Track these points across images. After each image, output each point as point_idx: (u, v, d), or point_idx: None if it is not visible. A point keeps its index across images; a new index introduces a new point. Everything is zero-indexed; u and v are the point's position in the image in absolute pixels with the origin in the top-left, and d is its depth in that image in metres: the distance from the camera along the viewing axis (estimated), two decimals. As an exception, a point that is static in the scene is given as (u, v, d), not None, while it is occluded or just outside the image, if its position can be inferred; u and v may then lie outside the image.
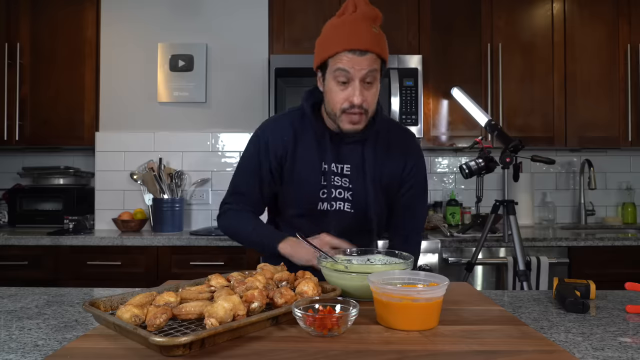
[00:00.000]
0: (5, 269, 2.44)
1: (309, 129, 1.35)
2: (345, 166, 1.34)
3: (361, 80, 1.20)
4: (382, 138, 1.37)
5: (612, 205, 3.20)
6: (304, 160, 1.34)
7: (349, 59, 1.19)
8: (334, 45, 1.21)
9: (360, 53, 1.18)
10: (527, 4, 2.83)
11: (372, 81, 1.22)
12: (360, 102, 1.21)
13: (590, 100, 2.82)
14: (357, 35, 1.19)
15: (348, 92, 1.22)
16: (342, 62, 1.19)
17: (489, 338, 0.81)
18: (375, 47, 1.19)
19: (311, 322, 0.81)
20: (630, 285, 1.15)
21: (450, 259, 2.39)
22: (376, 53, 1.20)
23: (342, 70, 1.20)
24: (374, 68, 1.20)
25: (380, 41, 1.22)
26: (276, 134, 1.36)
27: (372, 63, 1.20)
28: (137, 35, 2.89)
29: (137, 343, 0.76)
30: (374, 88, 1.24)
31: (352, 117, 1.24)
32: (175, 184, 2.76)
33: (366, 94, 1.22)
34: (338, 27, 1.22)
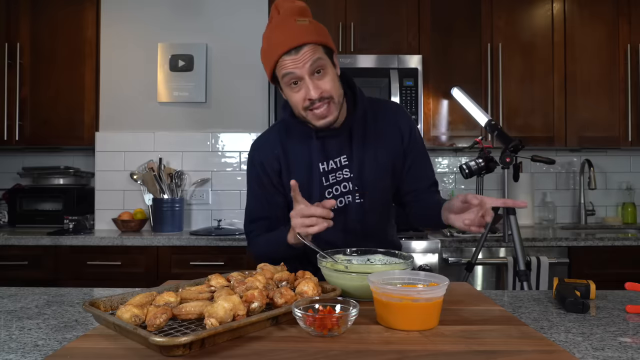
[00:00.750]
0: (5, 269, 2.44)
1: (295, 135, 1.35)
2: (341, 158, 1.33)
3: (310, 74, 1.19)
4: (370, 119, 1.36)
5: (612, 205, 3.20)
6: (299, 167, 1.34)
7: (289, 61, 1.18)
8: (270, 55, 1.21)
9: (295, 51, 1.17)
10: (527, 4, 2.83)
11: (323, 69, 1.20)
12: (317, 95, 1.20)
13: (590, 100, 2.82)
14: (285, 35, 1.18)
15: (303, 91, 1.21)
16: (284, 67, 1.19)
17: (489, 338, 0.81)
18: (307, 37, 1.18)
19: (311, 322, 0.81)
20: (630, 285, 1.15)
21: (450, 259, 2.39)
22: (311, 42, 1.18)
23: (288, 74, 1.19)
24: (316, 57, 1.18)
25: (311, 30, 1.19)
26: (266, 150, 1.37)
27: (312, 54, 1.18)
28: (137, 35, 2.89)
29: (137, 343, 0.76)
30: (328, 75, 1.22)
31: (317, 111, 1.22)
32: (175, 184, 2.76)
33: (320, 84, 1.20)
34: (269, 36, 1.22)
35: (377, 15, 2.79)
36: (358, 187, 1.33)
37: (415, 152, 1.40)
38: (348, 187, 1.34)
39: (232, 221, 2.86)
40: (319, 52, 1.20)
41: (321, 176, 1.33)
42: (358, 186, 1.33)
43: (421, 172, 1.42)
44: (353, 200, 1.34)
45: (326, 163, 1.33)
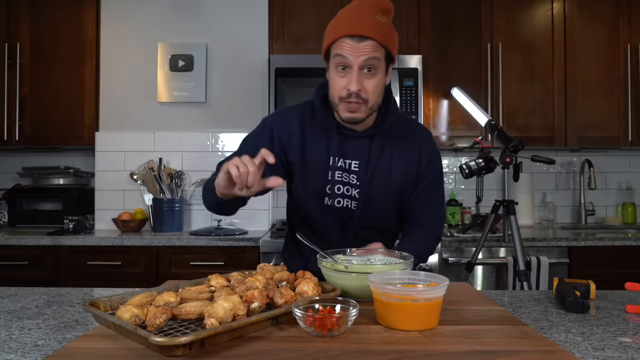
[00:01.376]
0: (5, 269, 2.44)
1: (318, 122, 1.33)
2: (353, 162, 1.31)
3: (360, 68, 1.18)
4: (393, 133, 1.33)
5: (612, 205, 3.20)
6: (311, 152, 1.32)
7: (348, 45, 1.17)
8: (336, 32, 1.19)
9: (359, 39, 1.16)
10: (527, 4, 2.83)
11: (373, 70, 1.19)
12: (356, 89, 1.18)
13: (590, 100, 2.82)
14: (358, 21, 1.16)
15: (346, 79, 1.19)
16: (341, 48, 1.18)
17: (489, 338, 0.81)
18: (377, 34, 1.16)
19: (311, 322, 0.81)
20: (630, 285, 1.15)
21: (450, 259, 2.39)
22: (378, 41, 1.16)
23: (341, 56, 1.18)
24: (374, 56, 1.17)
25: (385, 30, 1.18)
26: (283, 123, 1.35)
27: (372, 50, 1.17)
28: (137, 35, 2.89)
29: (137, 343, 0.76)
30: (376, 78, 1.20)
31: (349, 105, 1.21)
32: (175, 184, 2.76)
33: (365, 82, 1.19)
34: (343, 14, 1.21)
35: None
36: (360, 197, 1.32)
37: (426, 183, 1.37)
38: (351, 192, 1.33)
39: (232, 221, 2.86)
40: (379, 52, 1.18)
41: (329, 169, 1.31)
42: (360, 195, 1.32)
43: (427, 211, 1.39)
44: (351, 206, 1.33)
45: (338, 159, 1.31)
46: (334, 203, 1.33)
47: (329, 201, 1.33)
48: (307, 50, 2.71)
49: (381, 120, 1.31)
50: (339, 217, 1.35)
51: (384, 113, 1.32)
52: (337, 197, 1.33)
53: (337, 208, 1.34)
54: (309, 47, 2.73)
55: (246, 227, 2.79)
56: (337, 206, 1.33)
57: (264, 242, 2.39)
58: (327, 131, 1.31)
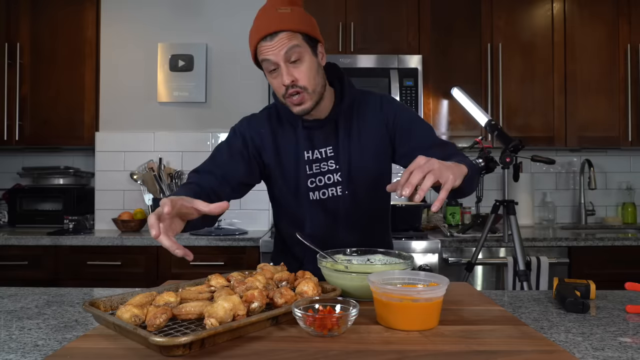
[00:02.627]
0: (5, 269, 2.44)
1: (285, 121, 1.35)
2: (327, 148, 1.32)
3: (285, 62, 1.19)
4: (356, 110, 1.35)
5: (612, 205, 3.20)
6: (284, 152, 1.34)
7: (265, 47, 1.19)
8: (252, 40, 1.22)
9: (270, 37, 1.18)
10: (527, 4, 2.83)
11: (299, 58, 1.20)
12: (289, 81, 1.19)
13: (590, 100, 2.82)
14: (263, 22, 1.19)
15: (279, 78, 1.21)
16: (261, 53, 1.20)
17: (489, 338, 0.81)
18: (284, 25, 1.17)
19: (311, 322, 0.81)
20: (630, 285, 1.15)
21: (450, 259, 2.39)
22: (287, 30, 1.18)
23: (265, 60, 1.20)
24: (292, 44, 1.18)
25: (291, 18, 1.19)
26: (252, 126, 1.36)
27: (288, 41, 1.18)
28: (137, 35, 2.89)
29: (137, 343, 0.76)
30: (304, 64, 1.21)
31: (292, 99, 1.22)
32: (175, 184, 2.76)
33: (295, 72, 1.20)
34: (254, 22, 1.23)
35: (377, 15, 2.79)
36: (343, 179, 1.32)
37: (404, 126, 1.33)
38: (333, 179, 1.33)
39: (232, 221, 2.86)
40: (296, 39, 1.19)
41: (305, 164, 1.32)
42: (343, 178, 1.32)
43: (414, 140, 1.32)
44: (337, 192, 1.33)
45: (311, 152, 1.32)
46: (320, 195, 1.33)
47: (314, 195, 1.33)
48: (307, 50, 2.71)
49: (339, 100, 1.32)
50: (329, 208, 1.34)
51: (340, 92, 1.33)
52: (322, 189, 1.33)
53: (325, 199, 1.33)
54: (309, 47, 2.73)
55: (246, 227, 2.79)
56: (323, 198, 1.33)
57: (264, 242, 2.39)
58: (294, 128, 1.33)
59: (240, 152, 1.33)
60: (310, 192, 1.33)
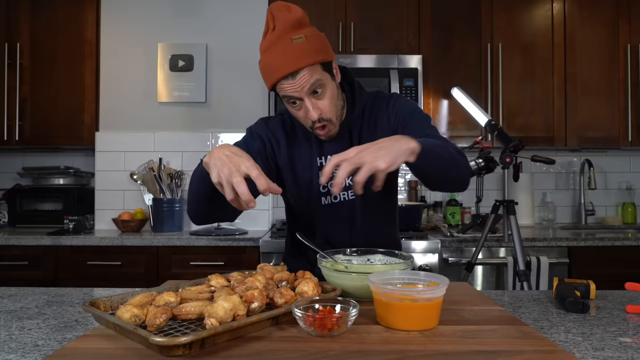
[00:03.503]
0: (5, 269, 2.44)
1: (298, 129, 1.35)
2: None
3: (309, 95, 1.18)
4: (367, 114, 1.35)
5: (612, 205, 3.20)
6: (298, 158, 1.34)
7: (287, 85, 1.16)
8: (269, 77, 1.18)
9: (292, 76, 1.15)
10: (527, 4, 2.83)
11: (321, 89, 1.19)
12: (317, 116, 1.20)
13: (590, 100, 2.82)
14: (281, 58, 1.14)
15: (303, 111, 1.21)
16: (283, 90, 1.18)
17: (489, 338, 0.81)
18: (303, 60, 1.14)
19: (311, 322, 0.81)
20: (630, 285, 1.15)
21: (450, 259, 2.39)
22: (307, 65, 1.14)
23: (287, 96, 1.19)
24: (314, 79, 1.16)
25: (308, 48, 1.15)
26: (269, 128, 1.37)
27: (310, 76, 1.15)
28: (137, 35, 2.89)
29: (137, 343, 0.76)
30: (327, 93, 1.20)
31: (319, 131, 1.24)
32: (175, 184, 2.76)
33: (319, 104, 1.20)
34: (266, 55, 1.18)
35: (377, 15, 2.79)
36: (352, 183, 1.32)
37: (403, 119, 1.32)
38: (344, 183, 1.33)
39: (232, 221, 2.86)
40: (317, 72, 1.17)
41: (318, 170, 1.33)
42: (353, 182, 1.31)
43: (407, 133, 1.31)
44: (348, 197, 1.34)
45: (324, 158, 1.33)
46: (332, 199, 1.34)
47: (326, 200, 1.34)
48: (307, 50, 2.71)
49: (351, 108, 1.32)
50: (341, 213, 1.34)
51: (352, 97, 1.33)
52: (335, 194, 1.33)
53: (337, 204, 1.34)
54: (309, 47, 2.73)
55: (246, 227, 2.79)
56: (335, 202, 1.34)
57: (264, 242, 2.39)
58: (307, 136, 1.34)
59: (259, 152, 1.33)
60: (322, 197, 1.34)
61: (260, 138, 1.35)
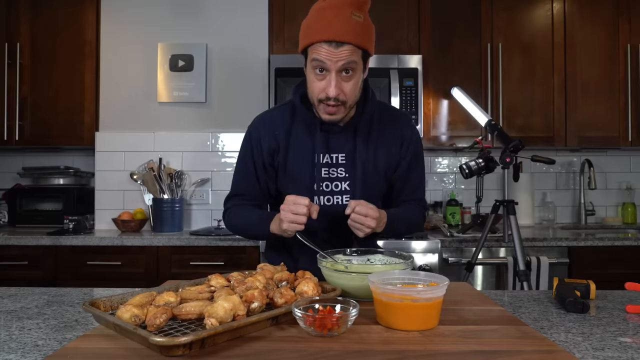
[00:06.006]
0: (5, 269, 2.44)
1: (300, 121, 1.34)
2: (339, 155, 1.33)
3: (338, 72, 1.17)
4: (375, 122, 1.35)
5: (612, 205, 3.20)
6: (296, 153, 1.33)
7: (325, 51, 1.15)
8: (312, 34, 1.17)
9: (336, 45, 1.14)
10: (527, 4, 2.83)
11: (351, 72, 1.19)
12: (335, 94, 1.19)
13: (590, 100, 2.82)
14: (334, 24, 1.14)
15: (324, 83, 1.20)
16: (318, 53, 1.16)
17: (489, 338, 0.81)
18: (354, 37, 1.14)
19: (311, 322, 0.81)
20: (630, 285, 1.15)
21: (450, 259, 2.39)
22: (355, 44, 1.15)
23: (318, 61, 1.17)
24: (352, 60, 1.16)
25: (362, 30, 1.16)
26: (267, 128, 1.35)
27: (350, 54, 1.15)
28: (137, 35, 2.89)
29: (137, 343, 0.76)
30: (354, 79, 1.20)
31: (328, 108, 1.22)
32: (175, 184, 2.76)
33: (344, 85, 1.19)
34: (318, 13, 1.18)
35: (376, 15, 2.77)
36: (351, 189, 1.32)
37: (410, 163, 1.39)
38: (340, 186, 1.32)
39: (232, 221, 2.86)
40: (356, 55, 1.17)
41: (314, 167, 1.32)
42: (351, 187, 1.32)
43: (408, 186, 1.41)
44: (342, 201, 1.32)
45: (323, 155, 1.32)
46: (325, 201, 1.33)
47: (320, 200, 1.33)
48: (307, 50, 2.71)
49: (361, 111, 1.32)
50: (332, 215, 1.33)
51: (363, 103, 1.33)
52: (327, 195, 1.33)
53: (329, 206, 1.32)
54: (309, 47, 2.73)
55: (246, 227, 2.78)
56: (327, 204, 1.33)
57: (263, 242, 2.39)
58: (310, 129, 1.32)
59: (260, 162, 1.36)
60: (315, 196, 1.32)
61: (260, 144, 1.35)
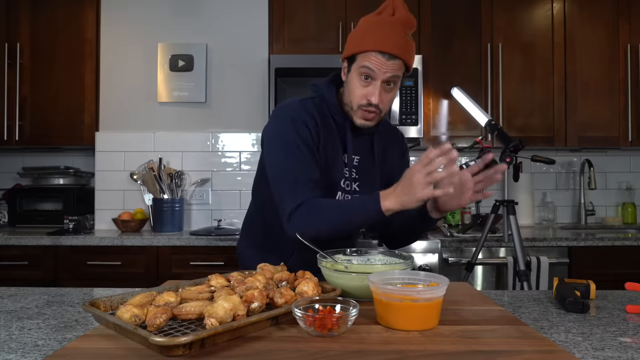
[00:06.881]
0: (5, 269, 2.44)
1: (329, 118, 1.34)
2: (355, 157, 1.38)
3: (383, 82, 1.25)
4: (382, 132, 1.44)
5: (612, 205, 3.20)
6: (328, 148, 1.32)
7: (377, 60, 1.23)
8: (367, 43, 1.24)
9: (389, 57, 1.22)
10: (527, 4, 2.83)
11: (393, 85, 1.28)
12: (377, 102, 1.26)
13: (590, 100, 2.82)
14: (390, 39, 1.23)
15: (368, 89, 1.26)
16: (370, 61, 1.23)
17: (489, 338, 0.81)
18: (404, 54, 1.24)
19: (311, 322, 0.81)
20: (630, 285, 1.15)
21: (450, 259, 2.39)
22: (404, 60, 1.24)
23: (368, 68, 1.24)
24: (397, 74, 1.25)
25: (410, 49, 1.26)
26: (306, 114, 1.31)
27: (397, 69, 1.24)
28: (137, 35, 2.89)
29: (137, 343, 0.76)
30: (393, 92, 1.30)
31: (367, 114, 1.29)
32: (175, 184, 2.76)
33: (384, 95, 1.27)
34: (375, 26, 1.25)
35: (377, 15, 2.79)
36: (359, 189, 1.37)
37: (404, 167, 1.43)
38: (351, 186, 1.36)
39: (232, 221, 2.86)
40: (401, 71, 1.27)
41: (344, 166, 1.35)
42: (359, 188, 1.37)
43: None
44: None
45: (349, 154, 1.36)
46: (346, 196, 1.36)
47: (342, 197, 1.35)
48: (307, 50, 2.71)
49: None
50: None
51: None
52: (347, 194, 1.36)
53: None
54: (309, 47, 2.73)
55: (246, 227, 2.78)
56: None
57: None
58: (339, 128, 1.35)
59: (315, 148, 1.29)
60: (339, 191, 1.35)
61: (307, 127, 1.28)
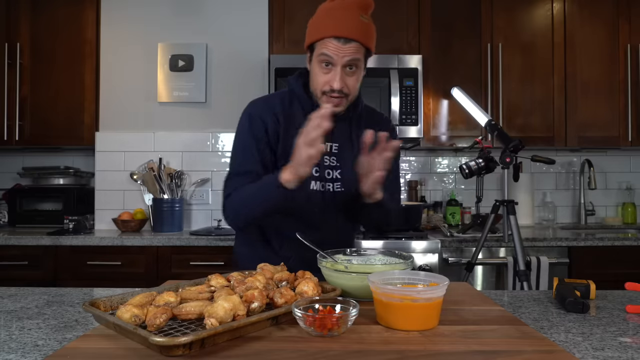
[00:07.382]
0: (5, 269, 2.44)
1: (298, 108, 1.37)
2: (333, 145, 1.38)
3: (343, 67, 1.26)
4: (364, 120, 1.43)
5: (612, 205, 3.20)
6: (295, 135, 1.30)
7: (334, 46, 1.24)
8: (321, 30, 1.26)
9: (345, 41, 1.23)
10: (527, 4, 2.83)
11: (355, 68, 1.28)
12: (339, 87, 1.26)
13: (590, 100, 2.82)
14: (344, 23, 1.23)
15: (330, 76, 1.27)
16: (326, 48, 1.25)
17: (489, 338, 0.81)
18: (361, 36, 1.24)
19: (311, 322, 0.81)
20: (630, 285, 1.15)
21: (450, 259, 2.39)
22: (361, 42, 1.25)
23: (326, 55, 1.25)
24: (356, 57, 1.25)
25: (367, 31, 1.26)
26: (266, 107, 1.38)
27: (355, 52, 1.24)
28: (137, 35, 2.89)
29: (137, 343, 0.76)
30: (356, 75, 1.29)
31: (332, 99, 1.29)
32: (175, 184, 2.76)
33: (347, 79, 1.28)
34: (328, 12, 1.27)
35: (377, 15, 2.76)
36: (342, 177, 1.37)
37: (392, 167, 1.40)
38: (332, 174, 1.37)
39: (232, 221, 2.86)
40: (361, 53, 1.27)
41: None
42: (342, 176, 1.37)
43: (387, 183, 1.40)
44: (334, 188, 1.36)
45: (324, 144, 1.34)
46: (320, 187, 1.35)
47: (316, 185, 1.35)
48: (307, 50, 2.71)
49: (354, 106, 1.38)
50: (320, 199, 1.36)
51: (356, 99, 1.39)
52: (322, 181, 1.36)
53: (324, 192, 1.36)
54: (309, 47, 2.73)
55: (246, 227, 2.78)
56: (323, 190, 1.36)
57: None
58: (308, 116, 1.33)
59: (267, 142, 1.35)
60: (312, 180, 1.35)
61: (262, 122, 1.35)
